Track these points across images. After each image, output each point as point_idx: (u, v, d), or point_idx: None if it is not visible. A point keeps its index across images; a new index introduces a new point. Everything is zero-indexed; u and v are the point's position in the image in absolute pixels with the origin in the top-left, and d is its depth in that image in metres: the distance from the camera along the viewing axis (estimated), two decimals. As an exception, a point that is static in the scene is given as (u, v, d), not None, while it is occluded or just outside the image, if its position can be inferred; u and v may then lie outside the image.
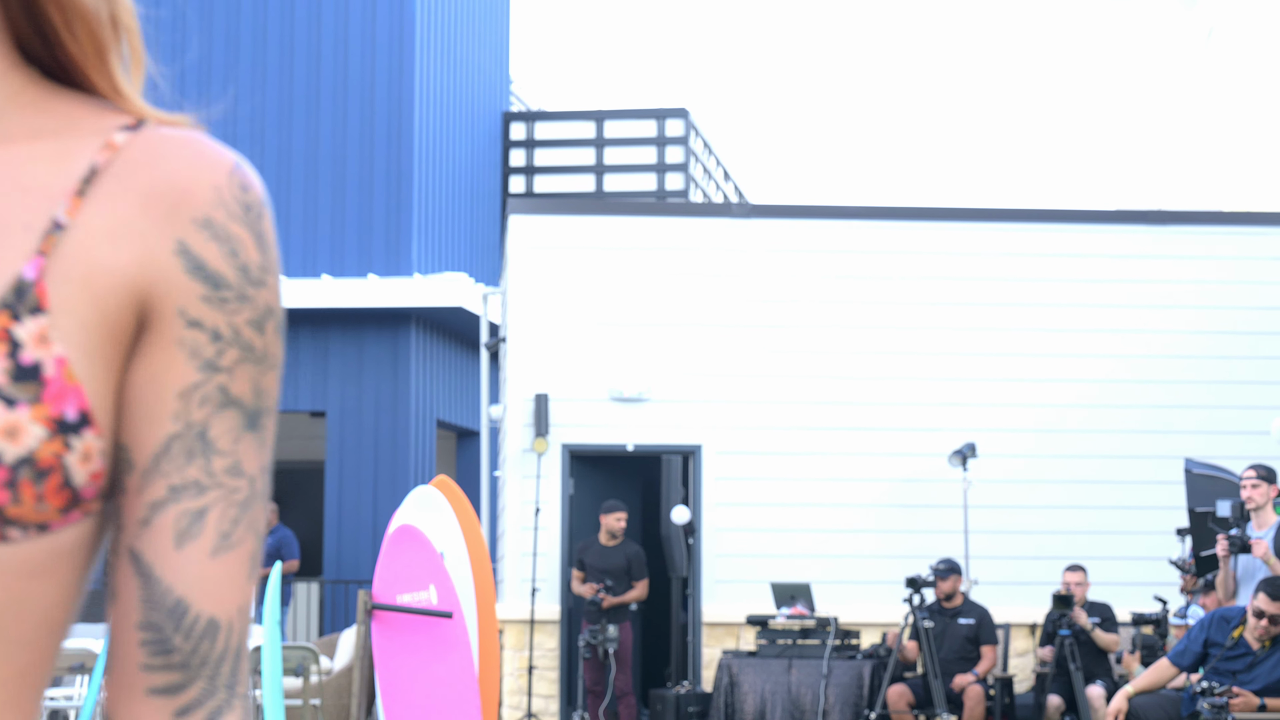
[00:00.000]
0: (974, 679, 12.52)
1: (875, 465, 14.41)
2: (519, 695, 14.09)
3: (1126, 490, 14.36)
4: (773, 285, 14.57)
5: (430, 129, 19.58)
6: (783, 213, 14.89)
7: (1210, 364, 14.60)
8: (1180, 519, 12.48)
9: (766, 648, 13.07)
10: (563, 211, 14.90)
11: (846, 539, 14.32)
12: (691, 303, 14.53)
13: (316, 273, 18.77)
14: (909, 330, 14.57)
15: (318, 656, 12.73)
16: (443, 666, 10.91)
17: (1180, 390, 14.56)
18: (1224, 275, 14.74)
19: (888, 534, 14.29)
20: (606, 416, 14.42)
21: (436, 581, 11.10)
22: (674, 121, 22.38)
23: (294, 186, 18.96)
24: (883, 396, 14.48)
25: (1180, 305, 14.70)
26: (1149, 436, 14.45)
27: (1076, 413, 14.52)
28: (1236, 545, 10.06)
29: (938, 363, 14.54)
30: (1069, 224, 14.83)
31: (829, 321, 14.56)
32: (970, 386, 14.52)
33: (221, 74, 19.18)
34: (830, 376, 14.50)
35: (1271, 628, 9.34)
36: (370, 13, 19.09)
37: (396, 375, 18.68)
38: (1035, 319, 14.63)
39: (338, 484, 18.57)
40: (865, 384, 14.50)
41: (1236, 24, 21.34)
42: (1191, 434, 14.27)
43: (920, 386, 14.50)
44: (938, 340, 14.57)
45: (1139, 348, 14.63)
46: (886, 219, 14.81)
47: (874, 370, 14.52)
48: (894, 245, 14.70)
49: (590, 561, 13.71)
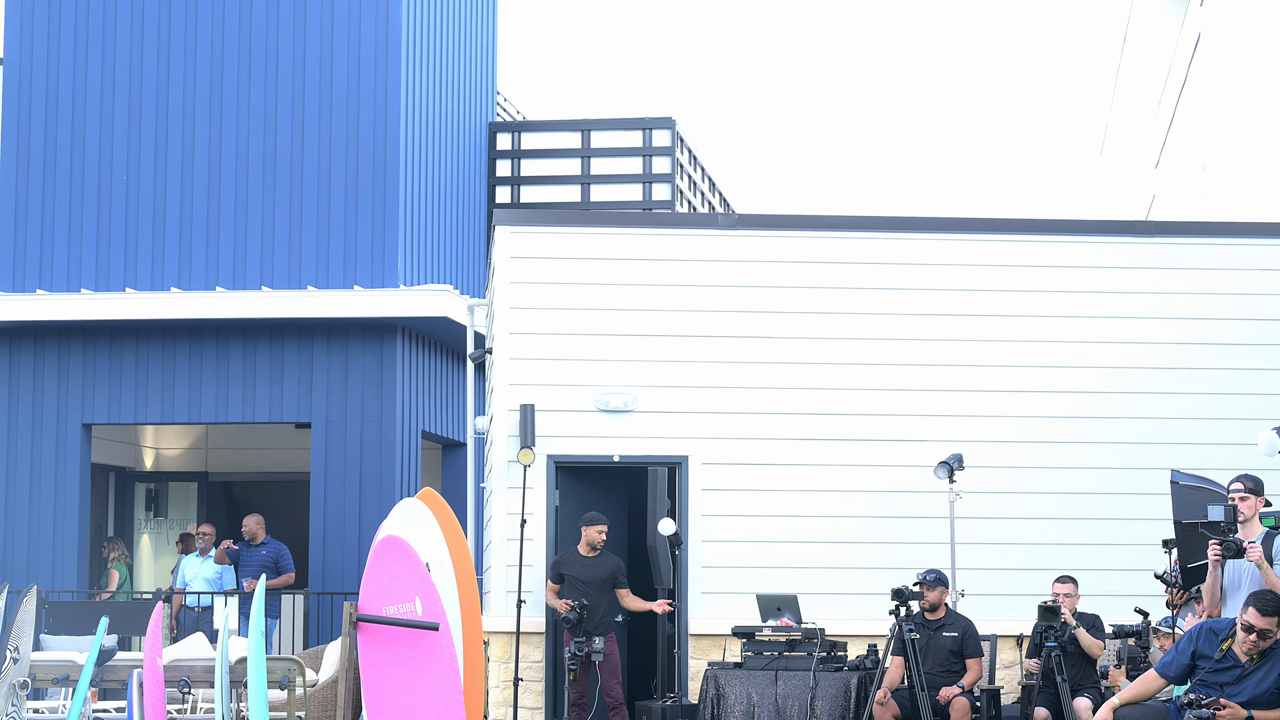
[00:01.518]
0: (959, 691, 12.50)
1: (862, 477, 14.40)
2: (504, 707, 14.05)
3: (1113, 502, 14.36)
4: (759, 296, 14.56)
5: (416, 139, 19.55)
6: (769, 224, 14.89)
7: (1197, 376, 14.61)
8: (1166, 531, 12.47)
9: (753, 659, 13.04)
10: (549, 223, 14.88)
11: (833, 550, 14.31)
12: (678, 314, 14.52)
13: (302, 284, 18.73)
14: (896, 341, 14.56)
15: (303, 669, 12.69)
16: (428, 678, 10.87)
17: (1167, 402, 14.57)
18: (1211, 287, 14.75)
19: (874, 545, 14.28)
20: (592, 428, 14.40)
21: (422, 593, 11.07)
22: (660, 132, 22.38)
23: (279, 197, 18.92)
24: (870, 408, 14.48)
25: (1167, 317, 14.70)
26: (1135, 448, 14.45)
27: (1063, 424, 14.52)
28: (1231, 549, 9.97)
29: (925, 374, 14.54)
30: (1056, 235, 14.83)
31: (815, 333, 14.55)
32: (957, 398, 14.51)
33: (206, 85, 19.13)
34: (817, 388, 14.49)
35: (1260, 642, 9.31)
36: (355, 23, 19.07)
37: (382, 386, 18.65)
38: (1022, 331, 14.63)
39: (323, 495, 18.53)
40: (852, 395, 14.49)
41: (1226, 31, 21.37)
42: (1178, 446, 14.27)
43: (907, 398, 14.50)
44: (925, 351, 14.57)
45: (1125, 359, 14.64)
46: (873, 230, 14.81)
47: (861, 381, 14.51)
48: (881, 256, 14.69)
49: (570, 573, 13.68)
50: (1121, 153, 31.71)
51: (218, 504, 23.18)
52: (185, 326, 18.82)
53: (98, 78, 19.29)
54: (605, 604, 13.65)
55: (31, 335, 19.05)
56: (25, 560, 18.65)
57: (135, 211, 19.09)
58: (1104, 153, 33.40)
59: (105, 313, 18.65)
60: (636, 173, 22.40)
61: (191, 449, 23.18)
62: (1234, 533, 10.08)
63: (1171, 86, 25.69)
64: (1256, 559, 9.89)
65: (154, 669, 11.11)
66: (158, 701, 11.02)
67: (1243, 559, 9.98)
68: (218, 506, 23.07)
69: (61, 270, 19.12)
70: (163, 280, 18.92)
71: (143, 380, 18.88)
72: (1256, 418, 13.86)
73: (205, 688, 12.70)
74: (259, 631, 10.85)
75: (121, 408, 18.94)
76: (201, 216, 18.99)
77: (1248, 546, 9.90)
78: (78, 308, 18.72)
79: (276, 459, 22.96)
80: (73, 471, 18.90)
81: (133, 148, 19.14)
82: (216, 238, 18.96)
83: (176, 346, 18.87)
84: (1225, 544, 9.97)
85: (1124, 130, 30.85)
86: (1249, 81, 19.89)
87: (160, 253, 19.01)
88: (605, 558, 13.79)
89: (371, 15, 19.05)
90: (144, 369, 18.91)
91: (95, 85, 19.28)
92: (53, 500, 18.86)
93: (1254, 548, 9.90)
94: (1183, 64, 24.35)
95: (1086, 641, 12.51)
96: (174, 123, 19.13)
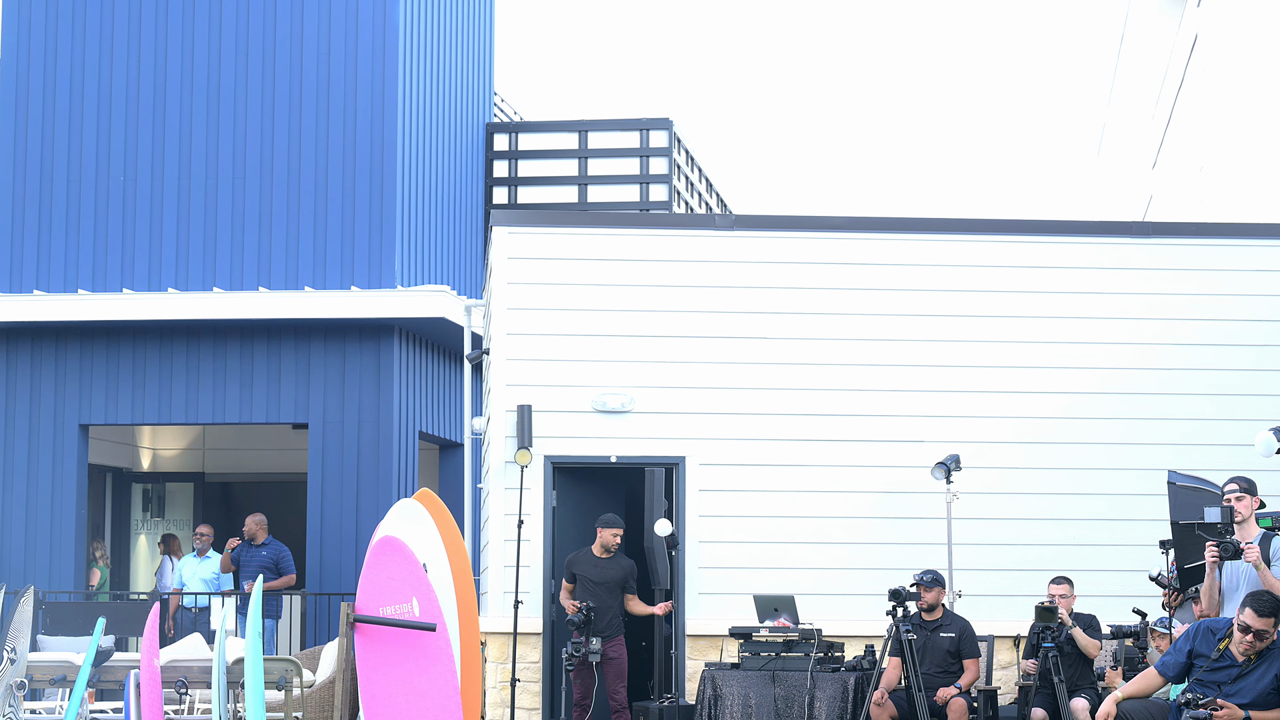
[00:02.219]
0: (957, 692, 12.50)
1: (859, 478, 14.40)
2: (501, 708, 14.05)
3: (1110, 503, 14.37)
4: (756, 297, 14.57)
5: (413, 140, 19.55)
6: (766, 224, 14.89)
7: (1194, 377, 14.62)
8: (1163, 531, 12.47)
9: (750, 660, 13.04)
10: (546, 223, 14.88)
11: (830, 551, 14.32)
12: (675, 315, 14.52)
13: (299, 284, 18.73)
14: (893, 342, 14.57)
15: (300, 669, 12.68)
16: (425, 679, 10.87)
17: (1164, 403, 14.58)
18: (1208, 288, 14.76)
19: (871, 546, 14.28)
20: (590, 428, 14.40)
21: (419, 594, 11.06)
22: (657, 133, 22.40)
23: (277, 197, 18.92)
24: (866, 409, 14.48)
25: (1164, 318, 14.71)
26: (1132, 449, 14.46)
27: (1060, 425, 14.53)
28: (1229, 550, 9.95)
29: (922, 375, 14.55)
30: (1054, 236, 14.84)
31: (813, 334, 14.55)
32: (954, 399, 14.52)
33: (204, 86, 19.13)
34: (814, 389, 14.49)
35: (1257, 643, 9.31)
36: (353, 24, 19.07)
37: (379, 387, 18.65)
38: (1020, 331, 14.63)
39: (320, 496, 18.52)
40: (849, 396, 14.50)
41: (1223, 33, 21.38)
42: (1175, 447, 14.28)
43: (904, 399, 14.50)
44: (922, 352, 14.57)
45: (1122, 360, 14.64)
46: (871, 230, 14.82)
47: (858, 382, 14.51)
48: (878, 257, 14.70)
49: (582, 573, 13.67)
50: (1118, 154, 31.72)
51: (214, 505, 23.17)
52: (182, 327, 18.82)
53: (95, 78, 19.29)
54: (615, 606, 13.65)
55: (29, 336, 19.04)
56: (22, 561, 18.65)
57: (132, 212, 19.09)
58: (1101, 154, 33.43)
59: (102, 313, 18.65)
60: (634, 173, 22.41)
61: (189, 450, 23.17)
62: (1230, 534, 10.07)
63: (1168, 87, 25.70)
64: (1254, 559, 9.87)
65: (151, 669, 11.10)
66: (155, 702, 11.02)
67: (1240, 560, 9.97)
68: (214, 507, 23.07)
69: (59, 271, 19.12)
70: (160, 281, 18.92)
71: (140, 381, 18.88)
72: (1253, 418, 13.88)
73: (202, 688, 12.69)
74: (256, 632, 10.85)
75: (119, 408, 18.94)
76: (199, 217, 18.99)
77: (1245, 547, 9.89)
78: (75, 308, 18.71)
79: (274, 460, 22.95)
80: (70, 472, 18.89)
81: (130, 149, 19.14)
82: (214, 238, 18.95)
83: (174, 347, 18.86)
84: (1223, 545, 9.95)
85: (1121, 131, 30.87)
86: (1246, 83, 19.89)
87: (157, 253, 19.01)
88: (619, 560, 13.79)
89: (369, 16, 19.05)
90: (141, 369, 18.90)
91: (93, 86, 19.28)
92: (50, 501, 18.85)
93: (1251, 548, 9.88)
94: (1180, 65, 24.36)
95: (1083, 641, 12.51)
96: (171, 124, 19.13)
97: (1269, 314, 14.73)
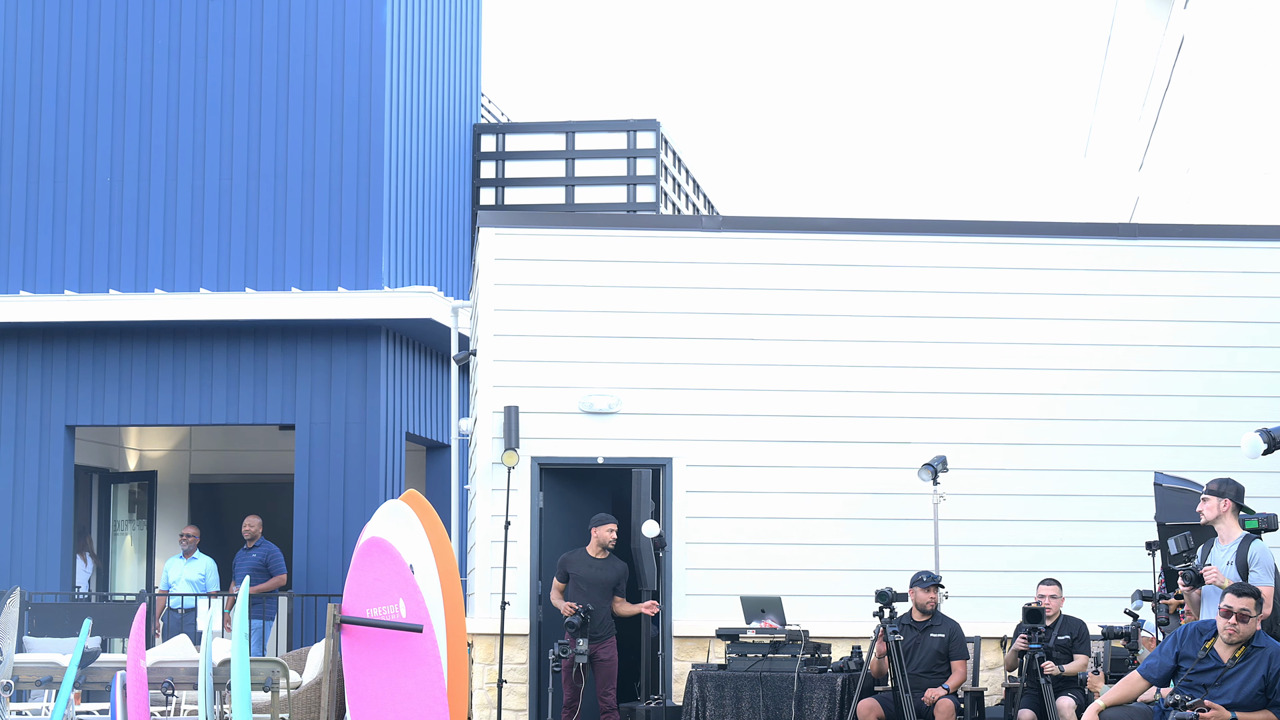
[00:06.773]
0: (944, 693, 12.52)
1: (846, 478, 14.40)
2: (488, 709, 14.04)
3: (1097, 504, 14.38)
4: (743, 298, 14.57)
5: (400, 141, 19.54)
6: (753, 225, 14.89)
7: (1181, 378, 14.64)
8: (1150, 532, 12.50)
9: (737, 661, 13.05)
10: (533, 224, 14.87)
11: (817, 552, 14.32)
12: (662, 316, 14.52)
13: (286, 285, 18.71)
14: (881, 344, 14.57)
15: (286, 670, 12.67)
16: (412, 680, 10.86)
17: (1150, 404, 14.60)
18: (1196, 289, 14.78)
19: (858, 548, 14.28)
20: (577, 429, 14.39)
21: (406, 595, 11.05)
22: (644, 134, 22.39)
23: (263, 198, 18.91)
24: (854, 410, 14.48)
25: (1151, 319, 14.73)
26: (1119, 450, 14.48)
27: (1047, 426, 14.54)
28: (1189, 578, 10.22)
29: (909, 376, 14.55)
30: (1040, 238, 14.85)
31: (800, 335, 14.56)
32: (941, 400, 14.53)
33: (190, 86, 19.11)
34: (802, 390, 14.49)
35: (1239, 625, 9.33)
36: (339, 25, 19.05)
37: (366, 388, 18.64)
38: (1007, 332, 14.64)
39: (307, 497, 18.51)
40: (837, 397, 14.50)
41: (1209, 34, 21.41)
42: (1162, 448, 14.30)
43: (891, 400, 14.51)
44: (909, 353, 14.58)
45: (1109, 362, 14.66)
46: (858, 232, 14.82)
47: (845, 383, 14.52)
48: (865, 258, 14.71)
49: (576, 573, 13.65)
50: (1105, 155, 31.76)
51: (201, 506, 23.13)
52: (169, 328, 18.79)
53: (81, 78, 19.26)
54: (608, 607, 13.65)
55: (15, 336, 19.01)
56: (8, 562, 18.61)
57: (119, 213, 19.06)
58: (1088, 155, 33.46)
59: (89, 314, 18.61)
60: (621, 175, 22.41)
61: (175, 451, 23.13)
62: (1192, 559, 10.34)
63: (1155, 89, 25.72)
64: (1213, 579, 10.07)
65: (137, 671, 11.09)
66: (141, 703, 11.00)
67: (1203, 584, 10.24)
68: (200, 508, 23.03)
69: (45, 271, 19.09)
70: (146, 282, 18.89)
71: (126, 382, 18.85)
72: (1240, 420, 13.88)
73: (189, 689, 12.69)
74: (242, 634, 10.84)
75: (105, 409, 18.90)
76: (185, 218, 18.97)
77: (1204, 571, 10.11)
78: (61, 309, 18.68)
79: (260, 461, 22.92)
80: (56, 473, 18.86)
81: (116, 149, 19.11)
82: (200, 239, 18.93)
83: (160, 348, 18.83)
84: (1185, 577, 10.24)
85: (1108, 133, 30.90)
86: (1232, 84, 19.92)
87: (144, 254, 18.98)
88: (613, 561, 13.78)
89: (356, 16, 19.03)
90: (127, 370, 18.87)
91: (79, 86, 19.25)
92: (36, 502, 18.82)
93: (1209, 569, 10.14)
94: (1166, 67, 24.38)
95: (1072, 671, 12.57)
96: (158, 124, 19.11)
97: (1256, 315, 14.75)
